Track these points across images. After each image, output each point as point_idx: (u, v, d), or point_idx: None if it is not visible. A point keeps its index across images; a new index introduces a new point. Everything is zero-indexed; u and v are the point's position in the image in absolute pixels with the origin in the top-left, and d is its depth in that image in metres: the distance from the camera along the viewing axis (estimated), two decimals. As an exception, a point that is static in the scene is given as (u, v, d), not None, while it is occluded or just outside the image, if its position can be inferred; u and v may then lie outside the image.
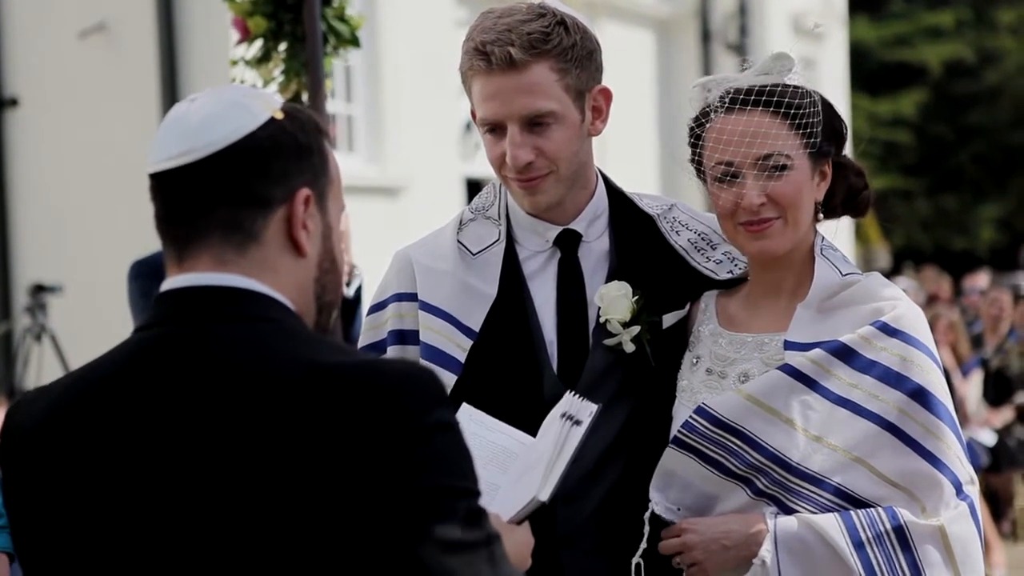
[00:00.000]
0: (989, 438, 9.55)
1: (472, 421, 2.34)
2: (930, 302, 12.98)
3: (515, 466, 2.31)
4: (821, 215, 2.61)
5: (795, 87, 2.53)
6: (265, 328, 1.76)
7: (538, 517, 2.20)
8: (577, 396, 2.27)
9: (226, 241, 1.78)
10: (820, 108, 2.52)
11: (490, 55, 2.53)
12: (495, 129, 2.59)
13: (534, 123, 2.56)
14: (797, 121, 2.51)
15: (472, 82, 2.59)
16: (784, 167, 2.51)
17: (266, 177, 1.78)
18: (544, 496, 2.16)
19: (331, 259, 1.87)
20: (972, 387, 9.88)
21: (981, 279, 16.02)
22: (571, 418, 2.24)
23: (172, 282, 1.81)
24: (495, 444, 2.33)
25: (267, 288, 1.78)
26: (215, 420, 1.69)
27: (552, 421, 2.30)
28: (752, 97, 2.52)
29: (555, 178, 2.60)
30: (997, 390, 9.83)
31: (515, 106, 2.55)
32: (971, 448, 9.29)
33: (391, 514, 1.65)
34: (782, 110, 2.51)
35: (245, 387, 1.70)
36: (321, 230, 1.84)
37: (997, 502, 9.72)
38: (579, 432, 2.22)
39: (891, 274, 19.73)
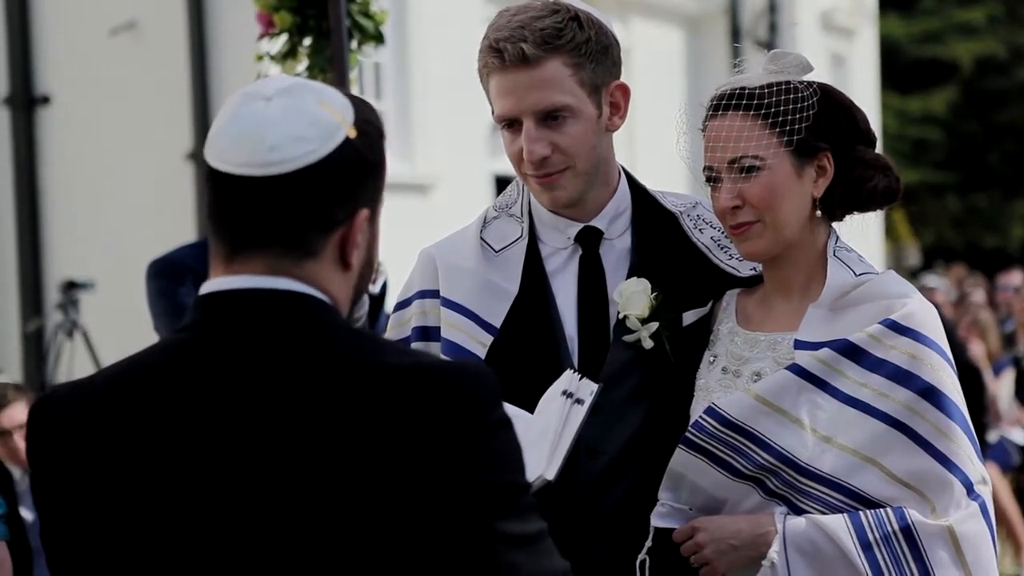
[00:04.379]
0: (1021, 437, 9.48)
1: None
2: (962, 300, 12.89)
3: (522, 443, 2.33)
4: (819, 212, 2.58)
5: (777, 85, 2.52)
6: (324, 331, 1.76)
7: (559, 512, 2.20)
8: (577, 375, 2.28)
9: (285, 254, 1.77)
10: (808, 104, 2.51)
11: (503, 52, 2.55)
12: (512, 125, 2.61)
13: (549, 117, 2.57)
14: (772, 120, 2.50)
15: (488, 80, 2.62)
16: (754, 168, 2.50)
17: (335, 198, 1.78)
18: (550, 475, 2.17)
19: (369, 262, 1.88)
20: (1004, 385, 9.81)
21: (1015, 277, 15.90)
22: (571, 396, 2.25)
23: (222, 283, 1.79)
24: None
25: (319, 292, 1.79)
26: (279, 423, 1.69)
27: (553, 397, 2.32)
28: (724, 101, 2.54)
29: (572, 173, 2.61)
30: (1029, 389, 9.76)
31: (529, 101, 2.56)
32: (1003, 447, 9.23)
33: (461, 510, 1.67)
34: (751, 111, 2.51)
35: (311, 389, 1.69)
36: (368, 242, 1.86)
37: (1029, 501, 9.65)
38: (581, 411, 2.23)
39: (921, 271, 19.63)
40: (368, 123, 1.83)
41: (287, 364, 1.72)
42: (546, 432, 2.25)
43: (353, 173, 1.79)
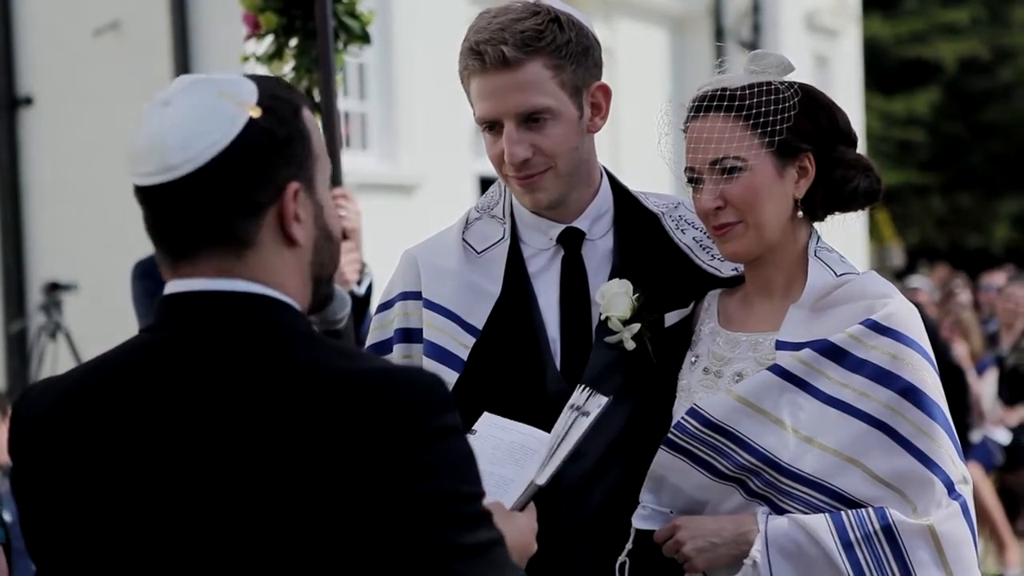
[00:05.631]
0: (1004, 437, 9.50)
1: (493, 426, 2.36)
2: (946, 300, 12.93)
3: (531, 461, 2.32)
4: (800, 213, 2.59)
5: (759, 86, 2.52)
6: (271, 333, 1.77)
7: (542, 513, 2.20)
8: (587, 390, 2.27)
9: (223, 250, 1.78)
10: (789, 104, 2.51)
11: (483, 54, 2.55)
12: (493, 127, 2.61)
13: (530, 120, 2.57)
14: (753, 121, 2.50)
15: (469, 82, 2.61)
16: (736, 169, 2.50)
17: (252, 183, 1.77)
18: (541, 480, 2.15)
19: (326, 234, 1.87)
20: (987, 385, 9.83)
21: (998, 277, 15.95)
22: (578, 409, 2.24)
23: (175, 286, 1.81)
24: (514, 443, 2.33)
25: (270, 290, 1.79)
26: (221, 426, 1.71)
27: (562, 414, 2.30)
28: (705, 103, 2.54)
29: (554, 174, 2.61)
30: (1012, 388, 9.78)
31: (509, 103, 2.56)
32: (986, 447, 9.26)
33: (395, 519, 1.66)
34: (733, 112, 2.51)
35: (251, 393, 1.71)
36: (313, 212, 1.84)
37: (1013, 501, 9.68)
38: (585, 422, 2.22)
39: (906, 272, 19.67)
40: (275, 99, 1.82)
41: (231, 368, 1.73)
42: (548, 441, 2.25)
43: (265, 152, 1.78)
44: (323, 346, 1.77)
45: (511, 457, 2.30)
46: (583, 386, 2.30)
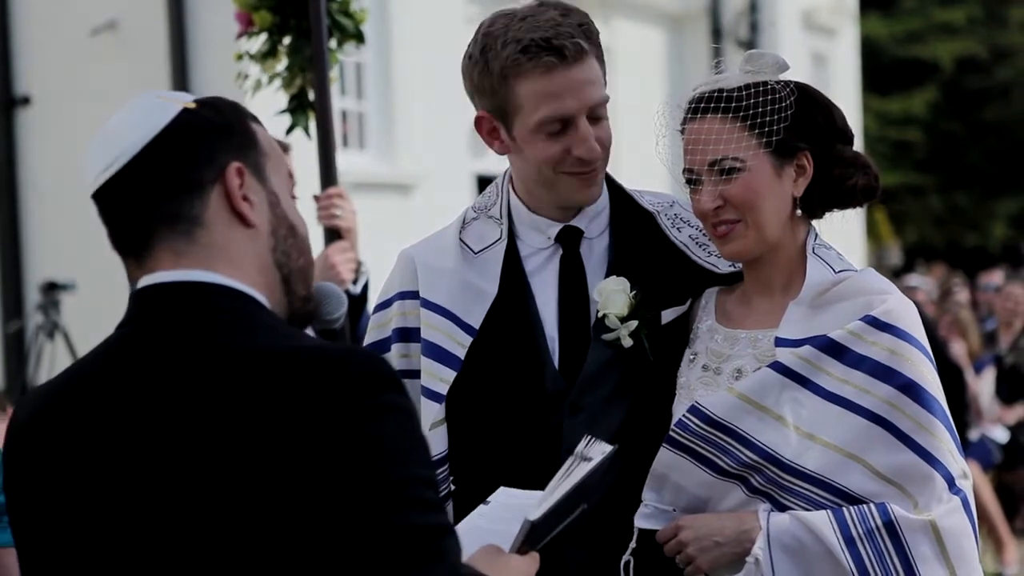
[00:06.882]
0: (1002, 435, 9.51)
1: (510, 497, 2.34)
2: (944, 298, 12.93)
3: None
4: (799, 211, 2.59)
5: (755, 86, 2.52)
6: (222, 320, 1.80)
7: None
8: (591, 439, 2.25)
9: (173, 232, 1.83)
10: (786, 104, 2.51)
11: (562, 48, 2.50)
12: (562, 125, 2.55)
13: (593, 115, 2.56)
14: (751, 121, 2.51)
15: (531, 81, 2.52)
16: (734, 169, 2.51)
17: (191, 162, 1.83)
18: (532, 516, 2.13)
19: (287, 226, 1.91)
20: (985, 384, 9.84)
21: (996, 275, 15.94)
22: (581, 456, 2.22)
23: (141, 281, 1.87)
24: (524, 507, 2.31)
25: (223, 278, 1.83)
26: (178, 413, 1.74)
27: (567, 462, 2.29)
28: (702, 104, 2.54)
29: (603, 167, 2.63)
30: (1010, 387, 9.79)
31: (586, 96, 2.54)
32: (984, 445, 9.26)
33: (324, 496, 1.66)
34: (731, 113, 2.51)
35: (201, 379, 1.74)
36: (267, 199, 1.89)
37: (1011, 499, 9.68)
38: (587, 466, 2.20)
39: (903, 271, 19.67)
40: (216, 99, 1.91)
41: (182, 359, 1.76)
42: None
43: (199, 133, 1.85)
44: (269, 330, 1.80)
45: (520, 518, 2.27)
46: (588, 437, 2.27)
